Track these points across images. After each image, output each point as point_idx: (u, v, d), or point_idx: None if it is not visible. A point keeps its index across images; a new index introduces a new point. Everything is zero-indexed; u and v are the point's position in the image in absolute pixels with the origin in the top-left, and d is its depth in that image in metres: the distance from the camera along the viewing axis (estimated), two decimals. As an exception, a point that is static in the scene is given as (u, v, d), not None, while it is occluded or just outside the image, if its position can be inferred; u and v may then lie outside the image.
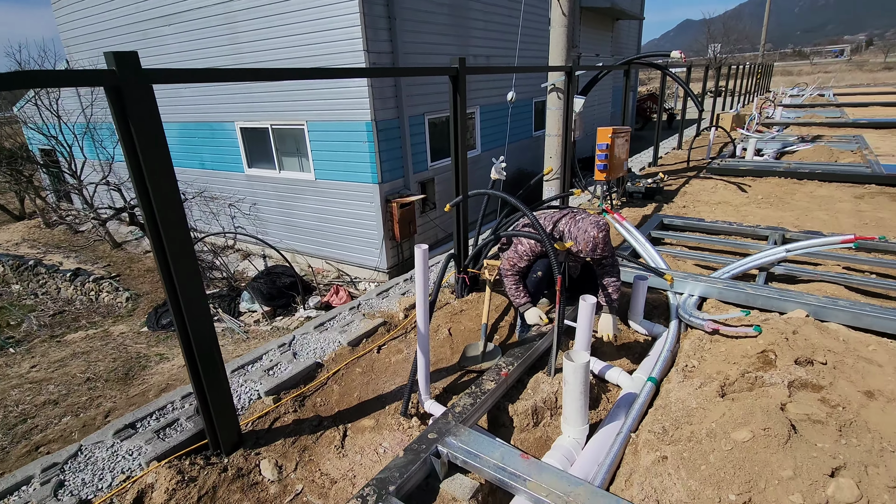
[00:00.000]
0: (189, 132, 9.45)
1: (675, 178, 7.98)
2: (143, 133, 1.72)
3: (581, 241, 2.91)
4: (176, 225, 1.89)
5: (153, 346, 7.17)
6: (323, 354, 3.14)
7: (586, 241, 2.88)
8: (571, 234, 2.97)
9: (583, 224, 2.93)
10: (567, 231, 3.01)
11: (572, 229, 2.98)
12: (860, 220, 5.48)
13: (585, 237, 2.89)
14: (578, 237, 2.92)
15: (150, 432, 2.38)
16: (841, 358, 2.64)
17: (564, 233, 3.02)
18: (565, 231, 3.02)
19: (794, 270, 3.97)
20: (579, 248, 2.92)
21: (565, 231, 3.02)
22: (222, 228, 9.66)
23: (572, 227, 3.00)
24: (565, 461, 2.23)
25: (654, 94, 22.59)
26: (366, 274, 8.29)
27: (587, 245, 2.88)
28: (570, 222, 3.03)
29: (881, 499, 1.75)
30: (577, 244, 2.93)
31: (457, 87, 3.29)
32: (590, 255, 2.94)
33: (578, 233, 2.93)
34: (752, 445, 1.94)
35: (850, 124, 12.45)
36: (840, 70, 57.67)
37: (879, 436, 2.09)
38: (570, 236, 2.97)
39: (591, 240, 2.87)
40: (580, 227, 2.94)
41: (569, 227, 3.01)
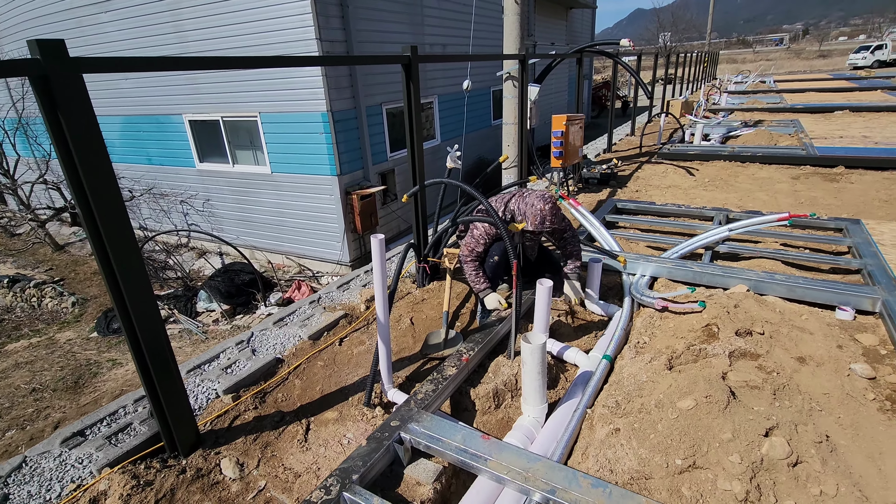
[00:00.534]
0: (133, 126, 8.98)
1: (629, 164, 8.24)
2: (75, 126, 1.63)
3: (530, 216, 2.99)
4: (116, 221, 1.81)
5: (104, 352, 6.85)
6: (283, 350, 3.09)
7: (534, 214, 2.97)
8: (521, 210, 3.06)
9: (529, 199, 3.03)
10: (517, 209, 3.09)
11: (521, 206, 3.08)
12: (796, 199, 5.84)
13: (533, 211, 2.98)
14: (527, 213, 3.01)
15: (101, 439, 2.29)
16: (777, 328, 2.83)
17: (515, 212, 3.10)
18: (515, 210, 3.10)
19: (737, 248, 4.21)
20: (530, 223, 3.00)
21: (515, 210, 3.10)
22: (174, 226, 9.28)
23: (521, 204, 3.09)
24: (526, 440, 2.30)
25: (609, 82, 23.16)
26: (328, 268, 8.18)
27: (535, 218, 2.97)
28: (518, 200, 3.13)
29: (808, 453, 1.91)
30: (527, 221, 3.01)
31: (409, 75, 3.27)
32: (541, 229, 3.03)
33: (527, 208, 3.02)
34: (695, 412, 2.07)
35: (789, 109, 13.18)
36: (780, 58, 60.82)
37: (809, 397, 2.27)
38: (520, 213, 3.06)
39: (539, 213, 2.96)
40: (527, 202, 3.04)
41: (518, 205, 3.11)
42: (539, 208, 2.96)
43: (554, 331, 3.22)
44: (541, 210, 2.96)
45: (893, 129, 9.44)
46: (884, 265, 3.55)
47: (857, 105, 12.60)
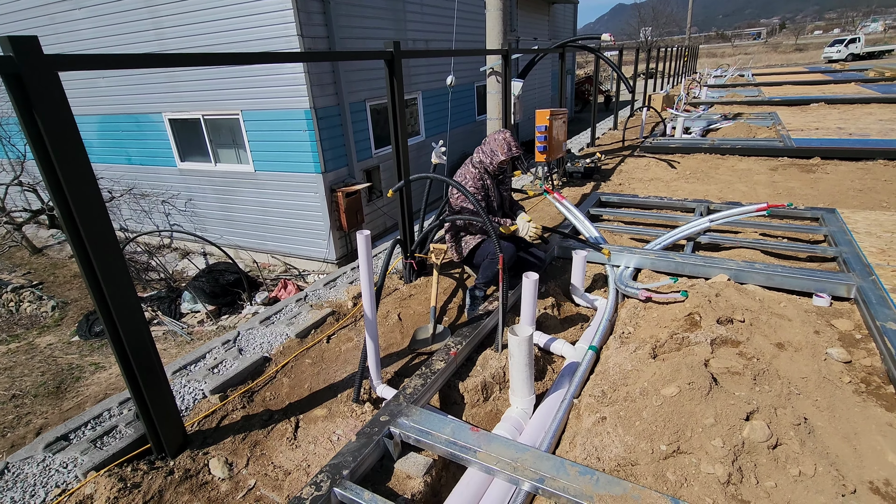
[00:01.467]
0: (111, 126, 8.79)
1: (612, 158, 8.33)
2: (52, 125, 1.60)
3: (498, 149, 3.31)
4: (97, 222, 1.78)
5: (87, 356, 6.72)
6: (270, 348, 3.08)
7: (500, 145, 3.30)
8: (487, 153, 3.35)
9: (489, 140, 3.36)
10: (483, 155, 3.37)
11: (486, 149, 3.36)
12: (774, 190, 5.97)
13: (498, 143, 3.31)
14: (495, 148, 3.32)
15: (86, 442, 2.26)
16: (757, 315, 2.90)
17: (483, 159, 3.38)
18: (483, 157, 3.37)
19: (718, 239, 4.29)
20: (501, 154, 3.30)
21: (483, 157, 3.37)
22: (156, 227, 9.13)
23: (484, 148, 3.38)
24: (514, 431, 2.33)
25: (591, 77, 23.31)
26: (314, 266, 8.13)
27: (503, 148, 3.30)
28: (480, 149, 3.41)
29: (788, 435, 1.97)
30: (497, 154, 3.31)
31: (392, 70, 3.26)
32: (512, 154, 3.31)
33: (493, 144, 3.33)
34: (679, 399, 2.12)
35: (766, 102, 13.43)
36: (758, 52, 61.85)
37: (787, 381, 2.33)
38: (488, 154, 3.35)
39: (504, 141, 3.30)
40: (489, 142, 3.36)
41: (482, 151, 3.38)
42: (502, 138, 3.31)
43: (540, 323, 3.25)
44: (504, 139, 3.31)
45: (867, 120, 9.68)
46: (858, 253, 3.66)
47: (832, 97, 12.89)
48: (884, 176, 6.19)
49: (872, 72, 20.27)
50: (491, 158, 3.36)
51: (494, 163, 3.37)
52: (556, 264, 4.19)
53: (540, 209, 5.72)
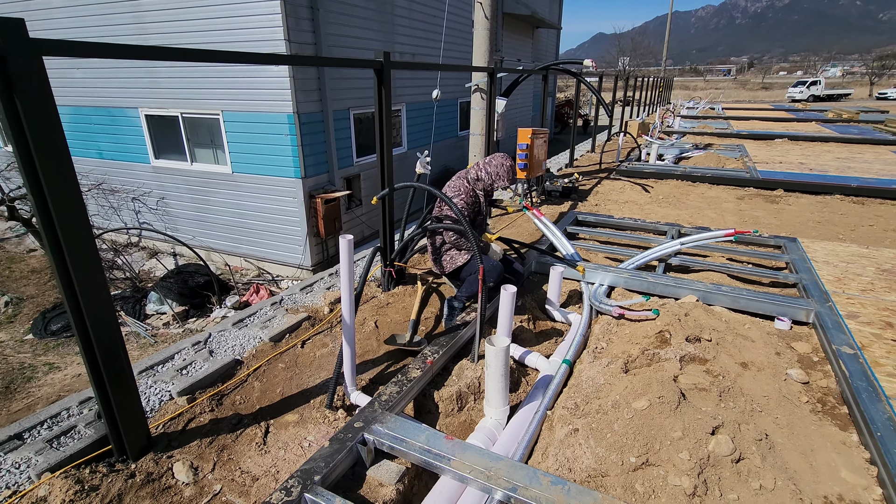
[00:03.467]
0: (83, 118, 8.53)
1: (589, 179, 8.55)
2: (33, 112, 1.56)
3: (503, 175, 3.43)
4: (73, 213, 1.73)
5: (40, 356, 6.40)
6: (242, 351, 3.01)
7: (506, 173, 3.43)
8: (490, 174, 3.44)
9: (494, 162, 3.45)
10: (485, 175, 3.46)
11: (489, 170, 3.45)
12: (741, 217, 6.24)
13: (503, 170, 3.43)
14: (500, 173, 3.43)
15: (42, 442, 2.16)
16: (723, 335, 3.02)
17: (485, 179, 3.46)
18: (485, 176, 3.46)
19: (688, 261, 4.45)
20: (506, 181, 3.45)
21: (485, 176, 3.46)
22: (124, 224, 8.84)
23: (488, 168, 3.46)
24: (488, 441, 2.34)
25: (571, 101, 23.97)
26: (289, 272, 8.00)
27: (509, 174, 3.44)
28: (483, 168, 3.48)
29: (750, 450, 2.04)
30: (500, 180, 3.44)
31: (381, 80, 3.30)
32: (511, 182, 3.47)
33: (497, 169, 3.43)
34: (649, 412, 2.17)
35: (735, 135, 14.08)
36: (728, 87, 64.90)
37: (751, 399, 2.43)
38: (490, 177, 3.45)
39: (509, 170, 3.44)
40: (494, 165, 3.45)
41: (485, 171, 3.46)
42: (508, 166, 3.45)
43: (516, 336, 3.29)
44: (510, 167, 3.46)
45: (826, 157, 10.25)
46: (816, 280, 3.85)
47: (794, 134, 13.61)
48: (840, 210, 6.56)
49: (831, 113, 21.54)
50: (493, 181, 3.47)
51: (496, 186, 3.51)
52: (532, 279, 4.25)
53: (518, 225, 5.82)
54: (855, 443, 2.22)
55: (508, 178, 3.45)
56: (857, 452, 2.16)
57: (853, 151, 11.05)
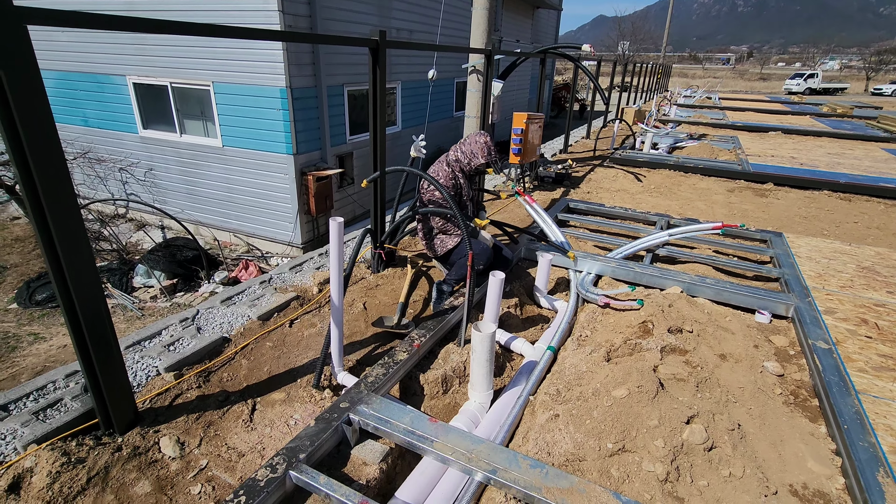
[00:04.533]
0: (69, 84, 8.29)
1: (583, 166, 8.56)
2: (17, 81, 1.53)
3: (478, 152, 3.41)
4: (59, 186, 1.71)
5: (25, 325, 6.36)
6: (230, 329, 3.03)
7: (481, 149, 3.41)
8: (466, 153, 3.44)
9: (469, 141, 3.45)
10: (462, 155, 3.45)
11: (465, 150, 3.44)
12: (730, 210, 6.31)
13: (479, 147, 3.41)
14: (475, 151, 3.42)
15: (28, 414, 2.17)
16: (704, 327, 3.09)
17: (461, 159, 3.46)
18: (461, 156, 3.45)
19: (675, 252, 4.51)
20: (481, 158, 3.42)
21: (461, 156, 3.45)
22: (111, 195, 8.70)
23: (464, 148, 3.45)
24: (471, 424, 2.39)
25: (569, 85, 23.76)
26: (278, 249, 7.97)
27: (483, 152, 3.41)
28: (459, 148, 3.47)
29: (722, 439, 2.12)
30: (476, 157, 3.42)
31: (377, 60, 3.25)
32: (490, 158, 3.45)
33: (473, 146, 3.42)
34: (627, 401, 2.24)
35: (730, 126, 14.10)
36: (726, 76, 64.67)
37: (726, 390, 2.51)
38: (467, 156, 3.44)
39: (485, 146, 3.41)
40: (469, 143, 3.44)
41: (461, 151, 3.45)
42: (483, 142, 3.42)
43: (503, 321, 3.34)
44: (485, 143, 3.42)
45: (817, 152, 10.33)
46: (798, 275, 3.94)
47: (788, 127, 13.67)
48: (827, 206, 6.65)
49: (826, 107, 21.62)
50: (470, 160, 3.44)
51: (472, 165, 3.46)
52: (522, 265, 4.29)
53: (510, 210, 5.83)
54: (823, 434, 2.31)
55: (484, 155, 3.42)
56: (824, 444, 2.25)
57: (844, 147, 11.14)
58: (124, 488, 1.98)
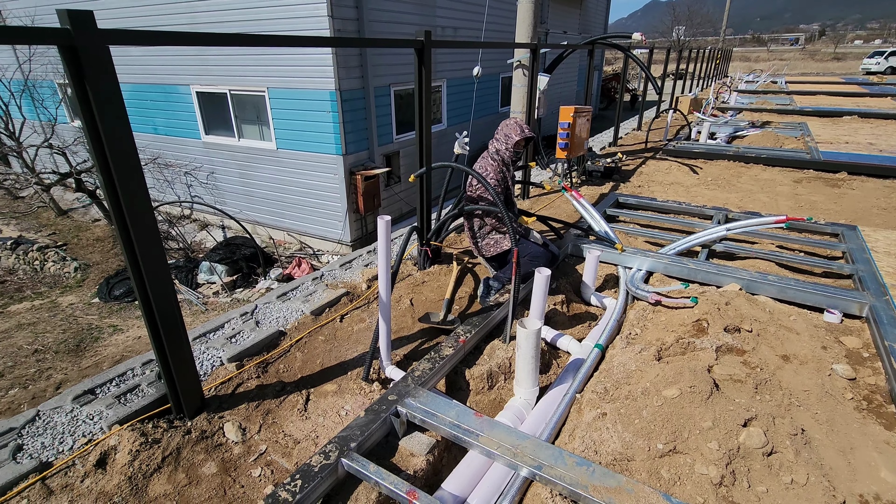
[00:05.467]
0: (141, 94, 8.96)
1: (633, 159, 8.27)
2: (101, 96, 1.69)
3: (512, 132, 3.41)
4: (136, 191, 1.88)
5: (105, 318, 6.96)
6: (286, 323, 3.19)
7: (514, 128, 3.41)
8: (500, 139, 3.46)
9: (502, 127, 3.48)
10: (498, 142, 3.47)
11: (500, 136, 3.47)
12: (796, 202, 5.90)
13: (512, 128, 3.42)
14: (509, 133, 3.42)
15: (111, 398, 2.40)
16: (765, 326, 2.93)
17: (499, 148, 3.48)
18: (499, 146, 3.47)
19: (733, 248, 4.29)
20: (516, 136, 3.41)
21: (499, 146, 3.47)
22: (178, 197, 9.32)
23: (499, 136, 3.48)
24: (516, 419, 2.41)
25: (619, 75, 22.97)
26: (329, 247, 8.26)
27: (516, 131, 3.40)
28: (495, 143, 3.49)
29: (783, 444, 2.01)
30: (511, 137, 3.42)
31: (422, 60, 3.30)
32: (525, 134, 3.41)
33: (506, 129, 3.44)
34: (679, 401, 2.17)
35: (797, 112, 13.14)
36: (794, 58, 60.10)
37: (789, 393, 2.37)
38: (501, 141, 3.45)
39: (516, 125, 3.41)
40: (501, 130, 3.48)
41: (498, 144, 3.47)
42: (513, 122, 3.43)
43: (549, 319, 3.31)
44: (515, 121, 3.43)
45: (899, 137, 9.44)
46: (875, 272, 3.64)
47: (866, 111, 12.56)
48: (910, 196, 6.08)
49: (911, 87, 19.64)
50: (506, 143, 3.41)
51: (510, 145, 3.41)
52: (568, 262, 4.23)
53: (556, 206, 5.74)
54: (900, 443, 2.14)
55: (517, 131, 3.39)
56: (901, 453, 2.09)
57: (932, 131, 10.11)
58: (194, 468, 2.15)
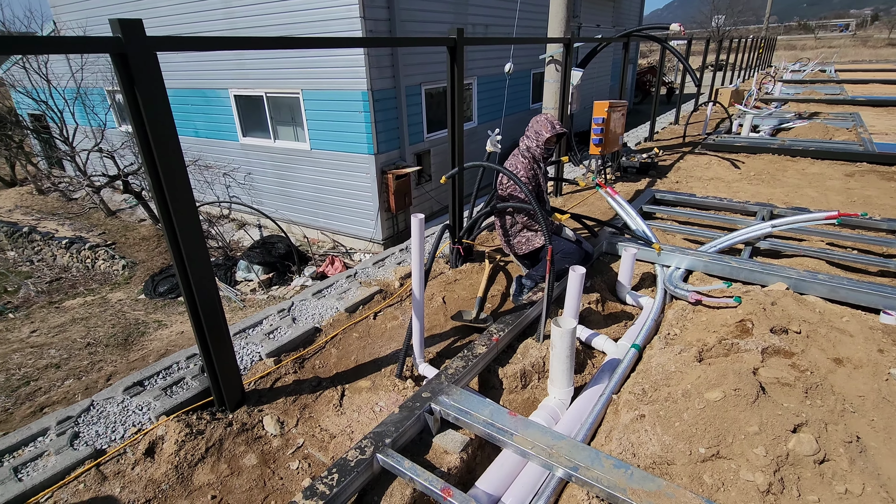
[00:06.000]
0: (182, 99, 9.32)
1: (670, 154, 8.02)
2: (149, 100, 1.76)
3: (542, 129, 3.32)
4: (182, 191, 1.95)
5: (151, 313, 7.29)
6: (321, 320, 3.25)
7: (544, 125, 3.32)
8: (531, 136, 3.37)
9: (532, 124, 3.38)
10: (529, 139, 3.39)
11: (531, 133, 3.38)
12: (848, 197, 5.59)
13: (542, 124, 3.32)
14: (539, 129, 3.33)
15: (158, 389, 2.51)
16: (815, 328, 2.78)
17: (530, 144, 3.39)
18: (530, 142, 3.39)
19: (779, 245, 4.09)
20: (548, 132, 3.32)
21: (530, 142, 3.39)
22: (217, 198, 9.65)
23: (529, 133, 3.39)
24: (550, 419, 2.38)
25: (654, 67, 22.31)
26: (361, 245, 8.38)
27: (547, 126, 3.31)
28: (525, 140, 3.41)
29: (837, 452, 1.91)
30: (542, 134, 3.33)
31: (454, 58, 3.30)
32: (558, 130, 3.32)
33: (536, 126, 3.34)
34: (722, 404, 2.09)
35: (849, 101, 12.43)
36: (844, 45, 56.79)
37: (842, 398, 2.25)
38: (533, 138, 3.37)
39: (547, 121, 3.32)
40: (531, 126, 3.38)
41: (529, 141, 3.39)
42: (544, 118, 3.34)
43: (584, 318, 3.25)
44: (546, 117, 3.35)
45: (964, 126, 8.80)
46: (937, 270, 3.40)
47: (925, 99, 11.76)
48: (978, 189, 5.65)
49: (977, 72, 18.25)
50: (536, 140, 3.33)
51: (541, 142, 3.33)
52: (603, 260, 4.14)
53: (590, 203, 5.63)
54: (968, 455, 2.00)
55: (548, 128, 3.30)
56: (969, 465, 1.94)
57: None
58: (235, 459, 2.22)
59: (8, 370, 5.66)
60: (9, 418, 4.54)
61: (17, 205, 12.33)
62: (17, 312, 7.53)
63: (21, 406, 4.83)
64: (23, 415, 4.56)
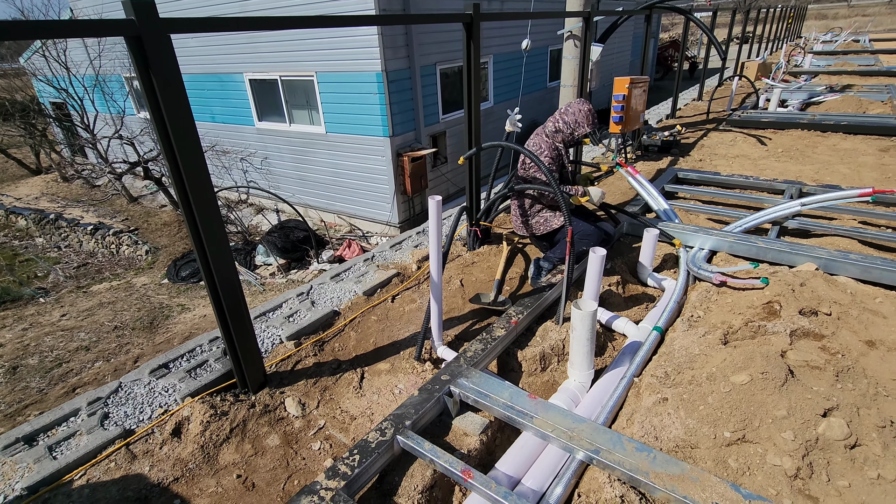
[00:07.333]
0: (198, 84, 9.35)
1: (693, 131, 7.78)
2: (165, 83, 1.75)
3: (582, 120, 3.18)
4: (200, 176, 1.95)
5: (174, 297, 7.45)
6: (339, 303, 3.27)
7: (585, 117, 3.18)
8: (568, 123, 3.22)
9: (571, 110, 3.21)
10: (563, 124, 3.23)
11: (568, 119, 3.22)
12: (883, 173, 5.35)
13: (583, 116, 3.18)
14: (579, 120, 3.19)
15: (183, 372, 2.56)
16: (846, 309, 2.69)
17: (563, 129, 3.25)
18: (562, 126, 3.24)
19: (809, 225, 3.95)
20: (587, 126, 3.19)
21: (562, 126, 3.24)
22: (235, 183, 9.74)
23: (566, 118, 3.22)
24: (571, 402, 2.36)
25: (677, 42, 21.55)
26: (377, 228, 8.39)
27: (588, 120, 3.18)
28: (560, 118, 3.25)
29: (869, 437, 1.85)
30: (580, 127, 3.20)
31: (471, 34, 3.21)
32: (594, 126, 3.22)
33: (577, 116, 3.19)
34: (749, 388, 2.04)
35: (884, 73, 11.84)
36: (879, 13, 53.88)
37: (875, 381, 2.17)
38: (569, 126, 3.22)
39: (588, 113, 3.18)
40: (571, 112, 3.21)
41: (563, 121, 3.23)
42: (587, 110, 3.20)
43: (604, 300, 3.20)
44: (589, 110, 3.20)
45: None
46: (979, 249, 3.24)
47: (968, 68, 11.13)
48: None
49: None
50: (573, 130, 3.22)
51: (576, 134, 3.24)
52: (624, 241, 4.06)
53: (610, 182, 5.51)
54: None
55: (589, 123, 3.18)
56: None
57: None
58: (259, 440, 2.27)
59: (41, 352, 5.87)
60: (43, 398, 4.72)
61: (43, 192, 12.65)
62: (48, 297, 7.78)
63: (55, 387, 5.02)
64: (56, 395, 4.74)
